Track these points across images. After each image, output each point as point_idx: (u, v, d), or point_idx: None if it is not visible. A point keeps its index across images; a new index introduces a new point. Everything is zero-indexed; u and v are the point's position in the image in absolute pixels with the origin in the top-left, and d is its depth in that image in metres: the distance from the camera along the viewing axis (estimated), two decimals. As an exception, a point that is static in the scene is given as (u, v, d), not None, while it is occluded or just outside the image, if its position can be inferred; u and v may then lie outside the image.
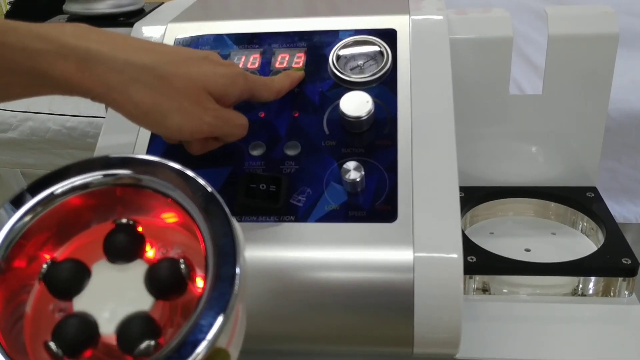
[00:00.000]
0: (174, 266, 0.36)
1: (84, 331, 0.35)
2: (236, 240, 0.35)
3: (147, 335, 0.34)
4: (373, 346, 0.53)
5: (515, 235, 0.75)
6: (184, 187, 0.38)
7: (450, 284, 0.50)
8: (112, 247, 0.38)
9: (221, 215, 0.37)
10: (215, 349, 0.33)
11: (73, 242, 0.40)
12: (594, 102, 0.73)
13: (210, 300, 0.33)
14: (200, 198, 0.37)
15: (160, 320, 0.36)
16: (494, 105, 0.75)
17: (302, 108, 0.60)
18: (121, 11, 0.72)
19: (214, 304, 0.33)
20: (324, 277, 0.51)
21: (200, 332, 0.32)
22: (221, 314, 0.33)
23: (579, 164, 0.77)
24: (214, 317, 0.33)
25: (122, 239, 0.38)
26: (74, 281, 0.37)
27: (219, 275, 0.34)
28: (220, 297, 0.33)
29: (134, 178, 0.39)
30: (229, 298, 0.33)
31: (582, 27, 0.72)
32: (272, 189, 0.54)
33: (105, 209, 0.40)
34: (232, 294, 0.33)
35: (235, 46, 0.65)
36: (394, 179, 0.55)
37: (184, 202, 0.38)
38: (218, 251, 0.35)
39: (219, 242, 0.35)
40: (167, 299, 0.37)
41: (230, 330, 0.35)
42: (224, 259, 0.35)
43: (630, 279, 0.64)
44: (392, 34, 0.64)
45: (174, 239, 0.40)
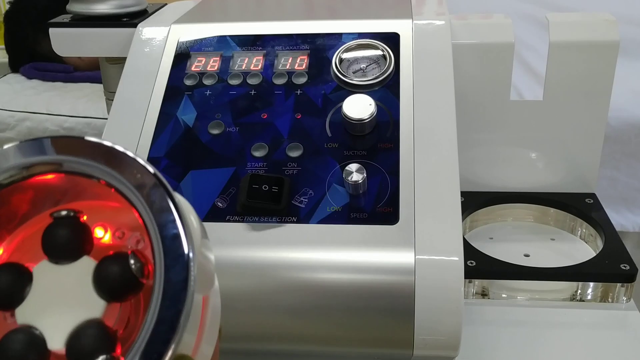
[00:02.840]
0: (122, 263, 0.32)
1: (29, 349, 0.30)
2: (187, 232, 0.30)
3: (100, 348, 0.30)
4: (373, 348, 0.53)
5: (514, 241, 0.75)
6: (117, 168, 0.33)
7: (451, 286, 0.50)
8: (51, 245, 0.33)
9: (160, 192, 0.31)
10: (176, 358, 0.29)
11: (10, 242, 0.35)
12: (594, 108, 0.74)
13: (161, 310, 0.29)
14: (137, 180, 0.32)
15: (116, 326, 0.32)
16: (494, 110, 0.75)
17: (304, 110, 0.60)
18: (124, 12, 0.72)
19: (165, 313, 0.29)
20: (325, 278, 0.52)
21: (156, 344, 0.28)
22: (175, 324, 0.29)
23: (578, 171, 0.77)
24: (166, 332, 0.29)
25: (62, 235, 0.33)
26: (12, 289, 0.32)
27: (168, 279, 0.30)
28: (171, 306, 0.29)
29: (52, 164, 0.33)
30: (181, 307, 0.29)
31: (583, 34, 0.72)
32: (274, 190, 0.54)
33: (42, 200, 0.35)
34: (185, 299, 0.29)
35: (238, 48, 0.66)
36: (396, 181, 0.55)
37: (118, 185, 0.32)
38: (165, 248, 0.30)
39: (165, 234, 0.30)
40: (121, 300, 0.32)
41: (195, 333, 0.32)
42: (172, 258, 0.30)
43: (629, 285, 0.64)
44: (395, 38, 0.64)
45: (130, 222, 0.34)
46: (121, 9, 0.72)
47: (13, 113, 1.56)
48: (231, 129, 0.60)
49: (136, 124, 0.61)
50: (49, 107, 1.56)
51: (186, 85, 0.63)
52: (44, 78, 1.72)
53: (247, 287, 0.52)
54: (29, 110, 1.56)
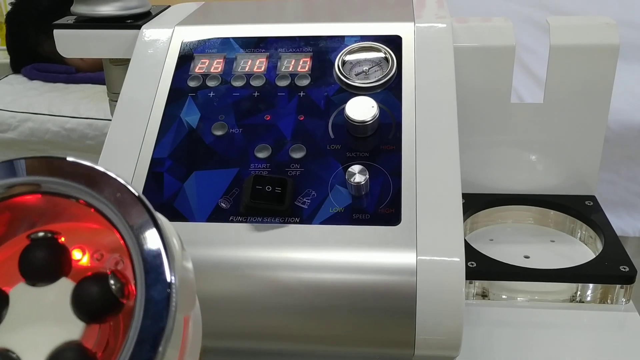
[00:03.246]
0: (102, 284, 0.31)
1: None
2: (169, 251, 0.30)
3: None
4: (374, 347, 0.54)
5: (514, 242, 0.75)
6: (97, 187, 0.32)
7: (452, 287, 0.51)
8: (29, 267, 0.32)
9: (141, 211, 0.31)
10: None
11: None
12: (594, 111, 0.74)
13: (142, 329, 0.28)
14: (117, 199, 0.32)
15: (95, 348, 0.31)
16: (495, 113, 0.76)
17: (307, 112, 0.61)
18: (128, 13, 0.72)
19: (146, 333, 0.28)
20: (328, 278, 0.52)
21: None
22: (156, 343, 0.28)
23: (578, 173, 0.78)
24: (148, 351, 0.28)
25: (39, 257, 0.32)
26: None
27: (149, 298, 0.29)
28: (153, 325, 0.28)
29: (30, 184, 0.33)
30: (163, 326, 0.28)
31: (583, 37, 0.73)
32: (277, 191, 0.54)
33: (19, 222, 0.35)
34: (167, 318, 0.29)
35: (241, 50, 0.66)
36: (398, 183, 0.55)
37: (98, 204, 0.32)
38: (146, 267, 0.30)
39: (146, 253, 0.30)
40: (101, 321, 0.32)
41: (177, 352, 0.31)
42: (153, 277, 0.29)
43: (628, 287, 0.65)
44: (397, 41, 0.65)
45: (109, 243, 0.34)
46: (125, 10, 0.72)
47: (15, 114, 1.56)
48: (234, 131, 0.60)
49: (140, 125, 0.62)
50: (51, 108, 1.56)
51: (190, 87, 0.64)
52: (46, 79, 1.73)
53: (250, 287, 0.53)
54: (31, 111, 1.56)
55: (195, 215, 0.55)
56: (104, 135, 1.46)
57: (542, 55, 0.73)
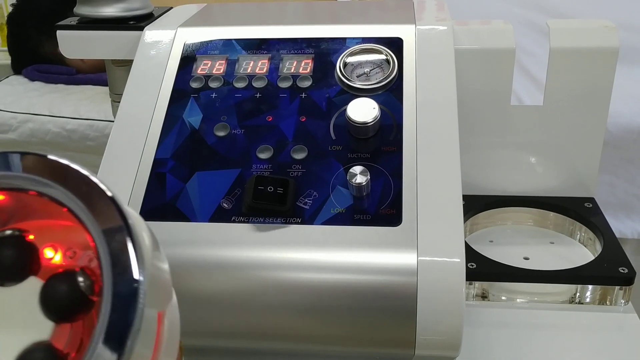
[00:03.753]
0: (70, 281, 0.30)
1: None
2: (137, 245, 0.29)
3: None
4: (375, 347, 0.54)
5: (514, 244, 0.76)
6: (60, 181, 0.31)
7: (453, 287, 0.51)
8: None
9: (109, 206, 0.30)
10: None
11: None
12: (593, 114, 0.75)
13: (109, 326, 0.27)
14: (83, 193, 0.30)
15: (67, 348, 0.30)
16: (495, 115, 0.76)
17: (309, 113, 0.61)
18: (131, 15, 0.73)
19: (112, 331, 0.27)
20: (329, 278, 0.52)
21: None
22: (124, 340, 0.27)
23: (577, 175, 0.78)
24: (115, 348, 0.27)
25: (6, 255, 0.32)
26: None
27: (116, 294, 0.28)
28: (119, 321, 0.27)
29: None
30: (131, 322, 0.27)
31: (583, 40, 0.73)
32: (279, 191, 0.55)
33: None
34: (134, 314, 0.28)
35: (244, 51, 0.67)
36: (399, 184, 0.56)
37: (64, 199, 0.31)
38: (113, 262, 0.29)
39: (113, 247, 0.29)
40: (71, 320, 0.31)
41: (150, 349, 0.30)
42: (120, 272, 0.28)
43: (627, 288, 0.65)
44: (398, 43, 0.65)
45: (81, 240, 0.32)
46: (128, 12, 0.73)
47: (15, 114, 1.57)
48: (237, 131, 0.61)
49: (143, 126, 0.62)
50: (52, 108, 1.57)
51: (192, 88, 0.64)
52: (47, 80, 1.73)
53: (251, 287, 0.53)
54: (32, 112, 1.57)
55: (197, 216, 0.56)
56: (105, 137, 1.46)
57: (541, 58, 0.74)
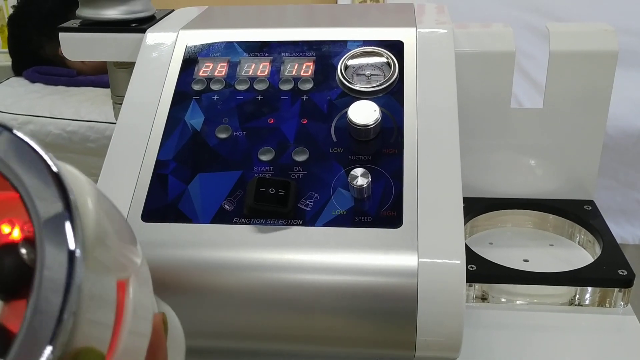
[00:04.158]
0: (12, 253, 0.27)
1: None
2: (67, 190, 0.26)
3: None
4: (376, 349, 0.54)
5: (514, 246, 0.76)
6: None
7: (453, 289, 0.52)
8: None
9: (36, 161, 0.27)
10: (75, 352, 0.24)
11: None
12: (593, 117, 0.75)
13: (39, 299, 0.24)
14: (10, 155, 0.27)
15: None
16: (495, 118, 0.77)
17: (310, 115, 0.61)
18: (133, 17, 0.73)
19: (43, 303, 0.24)
20: (330, 280, 0.53)
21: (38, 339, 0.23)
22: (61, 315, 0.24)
23: (577, 178, 0.79)
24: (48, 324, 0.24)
25: None
26: None
27: (48, 266, 0.24)
28: (52, 293, 0.24)
29: None
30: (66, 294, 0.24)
31: (582, 44, 0.73)
32: (281, 193, 0.55)
33: None
34: (70, 284, 0.24)
35: (245, 54, 0.67)
36: (400, 186, 0.56)
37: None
38: (46, 228, 0.25)
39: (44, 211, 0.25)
40: (22, 296, 0.28)
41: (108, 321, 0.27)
42: (52, 240, 0.25)
43: (626, 290, 0.66)
44: (399, 46, 0.65)
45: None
46: (130, 14, 0.73)
47: (16, 116, 1.57)
48: (238, 134, 0.61)
49: (145, 127, 0.62)
50: (52, 110, 1.57)
51: (194, 90, 0.64)
52: (47, 82, 1.73)
53: (252, 287, 0.53)
54: (32, 113, 1.57)
55: (199, 217, 0.56)
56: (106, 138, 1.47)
57: (541, 61, 0.74)
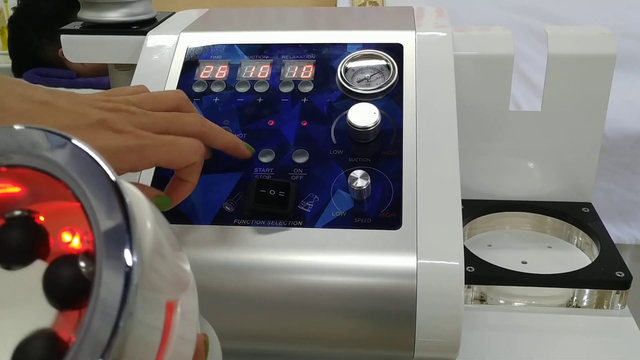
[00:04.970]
0: (71, 265, 0.28)
1: None
2: (130, 216, 0.27)
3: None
4: (375, 349, 0.55)
5: (512, 248, 0.76)
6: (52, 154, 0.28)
7: (452, 290, 0.52)
8: (1, 249, 0.29)
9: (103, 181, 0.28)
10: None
11: None
12: (590, 119, 0.76)
13: (96, 311, 0.25)
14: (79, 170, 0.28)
15: (72, 336, 0.28)
16: (494, 121, 0.77)
17: (310, 118, 0.62)
18: (134, 20, 0.73)
19: (100, 316, 0.25)
20: (330, 281, 0.53)
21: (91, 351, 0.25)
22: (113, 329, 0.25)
23: (575, 180, 0.79)
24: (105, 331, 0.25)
25: (13, 237, 0.29)
26: None
27: (106, 269, 0.26)
28: (110, 304, 0.25)
29: None
30: (122, 305, 0.25)
31: (580, 47, 0.74)
32: (281, 194, 0.56)
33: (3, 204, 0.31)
34: (126, 297, 0.25)
35: (246, 56, 0.67)
36: (399, 188, 0.57)
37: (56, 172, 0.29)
38: (106, 242, 0.26)
39: (107, 229, 0.27)
40: (75, 307, 0.28)
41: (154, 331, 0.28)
42: (111, 257, 0.26)
43: (623, 292, 0.66)
44: (398, 49, 0.66)
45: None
46: (131, 17, 0.74)
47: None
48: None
49: (146, 129, 0.63)
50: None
51: (195, 92, 0.65)
52: (47, 83, 1.73)
53: (253, 288, 0.54)
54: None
55: (200, 218, 0.56)
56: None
57: (540, 63, 0.75)
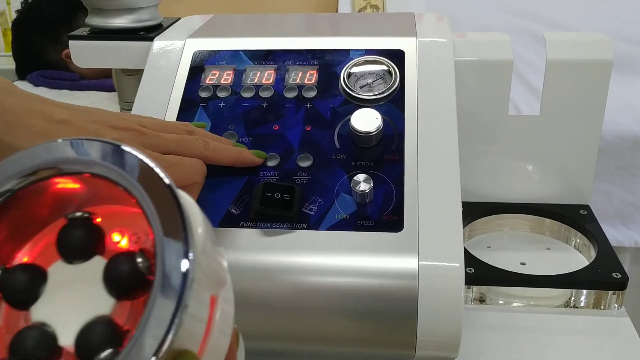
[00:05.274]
0: (129, 261, 0.32)
1: (42, 345, 0.31)
2: (186, 220, 0.30)
3: (107, 343, 0.30)
4: (377, 348, 0.56)
5: (511, 250, 0.78)
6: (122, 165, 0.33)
7: (452, 290, 0.53)
8: (65, 246, 0.34)
9: (164, 190, 0.32)
10: (176, 353, 0.29)
11: (32, 245, 0.36)
12: (588, 124, 0.77)
13: (157, 302, 0.29)
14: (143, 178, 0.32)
15: (127, 324, 0.32)
16: (493, 124, 0.78)
17: (314, 122, 0.63)
18: (141, 26, 0.75)
19: (161, 307, 0.29)
20: (334, 282, 0.55)
21: (152, 337, 0.28)
22: (173, 318, 0.28)
23: (573, 183, 0.81)
24: (163, 319, 0.28)
25: (75, 236, 0.34)
26: (28, 289, 0.33)
27: (166, 266, 0.30)
28: (169, 293, 0.29)
29: (53, 168, 0.34)
30: (180, 293, 0.29)
31: (578, 53, 0.75)
32: (286, 198, 0.57)
33: (61, 206, 0.36)
34: (183, 294, 0.29)
35: (251, 62, 0.69)
36: (401, 191, 0.58)
37: (123, 181, 0.33)
38: (167, 244, 0.30)
39: (167, 230, 0.30)
40: (131, 298, 0.32)
41: (201, 330, 0.32)
42: (171, 253, 0.30)
43: (620, 293, 0.67)
44: (400, 55, 0.67)
45: (145, 226, 0.34)
46: (138, 23, 0.75)
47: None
48: (244, 140, 0.63)
49: (153, 133, 0.64)
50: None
51: (201, 97, 0.66)
52: (51, 86, 1.75)
53: (258, 289, 0.55)
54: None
55: (207, 221, 0.58)
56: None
57: (540, 67, 0.76)
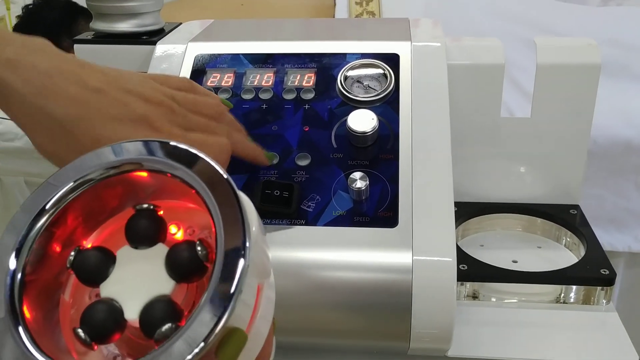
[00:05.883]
0: (190, 249, 0.37)
1: (110, 317, 0.36)
2: (244, 216, 0.35)
3: (167, 319, 0.35)
4: (373, 340, 0.58)
5: (503, 248, 0.79)
6: (192, 167, 0.38)
7: (445, 284, 0.55)
8: (133, 233, 0.39)
9: (227, 190, 0.36)
10: (228, 330, 0.33)
11: (100, 230, 0.41)
12: (578, 125, 0.79)
13: (218, 285, 0.33)
14: (209, 179, 0.37)
15: (182, 303, 0.37)
16: (486, 127, 0.80)
17: (312, 123, 0.66)
18: (144, 30, 0.77)
19: (221, 288, 0.33)
20: (331, 276, 0.56)
21: (212, 312, 0.33)
22: (230, 297, 0.33)
23: (563, 183, 0.82)
24: (222, 302, 0.33)
25: (142, 224, 0.39)
26: (99, 268, 0.37)
27: (226, 263, 0.34)
28: (227, 282, 0.33)
29: (135, 163, 0.39)
30: (237, 278, 0.33)
31: (567, 57, 0.77)
32: (285, 195, 0.59)
33: (129, 196, 0.41)
34: (239, 279, 0.33)
35: (250, 65, 0.71)
36: (395, 189, 0.60)
37: (192, 181, 0.37)
38: (227, 236, 0.35)
39: (227, 223, 0.35)
40: (188, 281, 0.37)
41: (249, 312, 0.36)
42: (231, 244, 0.34)
43: (608, 289, 0.69)
44: (395, 58, 0.69)
45: (201, 221, 0.40)
46: (141, 27, 0.77)
47: (21, 123, 1.60)
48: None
49: (156, 134, 0.66)
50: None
51: (202, 99, 0.68)
52: (51, 90, 1.76)
53: (259, 283, 0.57)
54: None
55: (208, 217, 0.60)
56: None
57: (531, 71, 0.78)
